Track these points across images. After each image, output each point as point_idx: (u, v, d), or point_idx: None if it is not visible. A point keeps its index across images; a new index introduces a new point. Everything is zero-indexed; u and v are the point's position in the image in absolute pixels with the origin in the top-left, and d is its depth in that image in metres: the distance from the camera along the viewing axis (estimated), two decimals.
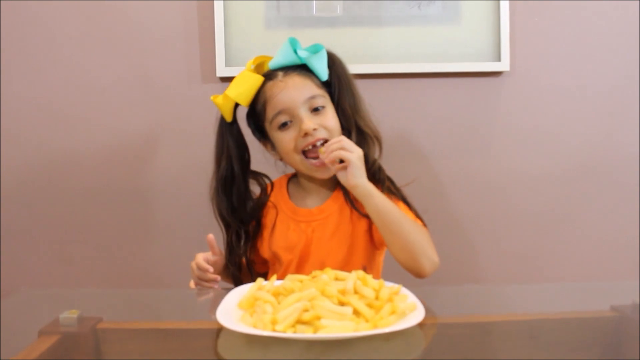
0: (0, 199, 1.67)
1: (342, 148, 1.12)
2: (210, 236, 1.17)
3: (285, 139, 1.20)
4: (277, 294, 0.86)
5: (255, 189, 1.31)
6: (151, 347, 0.88)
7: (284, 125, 1.20)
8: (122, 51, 1.64)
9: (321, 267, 1.18)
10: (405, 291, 0.91)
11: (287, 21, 1.60)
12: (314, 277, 0.90)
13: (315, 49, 1.23)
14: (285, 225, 1.26)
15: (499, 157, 1.66)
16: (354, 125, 1.23)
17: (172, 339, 0.91)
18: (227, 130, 1.25)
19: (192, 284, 1.20)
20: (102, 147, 1.66)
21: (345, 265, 1.22)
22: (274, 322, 0.78)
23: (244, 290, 0.93)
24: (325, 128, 1.20)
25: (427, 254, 1.13)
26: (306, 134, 1.17)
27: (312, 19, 1.60)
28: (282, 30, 1.60)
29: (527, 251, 1.67)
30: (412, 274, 1.15)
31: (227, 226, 1.27)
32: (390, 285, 0.91)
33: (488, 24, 1.60)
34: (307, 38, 1.59)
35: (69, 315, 0.92)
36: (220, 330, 0.83)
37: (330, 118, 1.21)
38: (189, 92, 1.63)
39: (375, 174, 1.23)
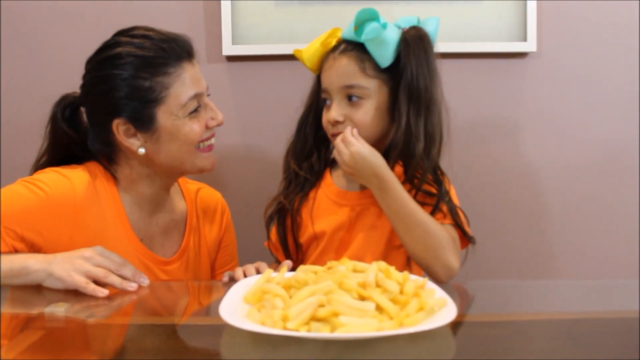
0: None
1: (343, 140, 1.12)
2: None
3: (325, 117, 1.21)
4: (288, 287, 0.81)
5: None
6: (147, 344, 0.84)
7: (325, 102, 1.21)
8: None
9: (361, 256, 1.15)
10: (431, 285, 0.85)
11: None
12: (329, 268, 0.85)
13: (375, 33, 1.14)
14: (325, 207, 1.22)
15: (523, 144, 1.60)
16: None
17: (170, 335, 0.87)
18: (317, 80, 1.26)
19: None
20: None
21: (386, 257, 1.18)
22: (284, 319, 0.73)
23: (251, 282, 0.87)
24: (353, 121, 1.16)
25: (442, 259, 1.09)
26: (328, 122, 1.19)
27: None
28: (292, 6, 1.55)
29: (553, 245, 1.61)
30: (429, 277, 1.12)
31: (285, 171, 1.27)
32: (415, 279, 0.85)
33: (513, 0, 1.53)
34: (317, 14, 1.56)
35: (56, 308, 0.88)
36: (224, 327, 0.77)
37: (362, 112, 1.17)
38: None
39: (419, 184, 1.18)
